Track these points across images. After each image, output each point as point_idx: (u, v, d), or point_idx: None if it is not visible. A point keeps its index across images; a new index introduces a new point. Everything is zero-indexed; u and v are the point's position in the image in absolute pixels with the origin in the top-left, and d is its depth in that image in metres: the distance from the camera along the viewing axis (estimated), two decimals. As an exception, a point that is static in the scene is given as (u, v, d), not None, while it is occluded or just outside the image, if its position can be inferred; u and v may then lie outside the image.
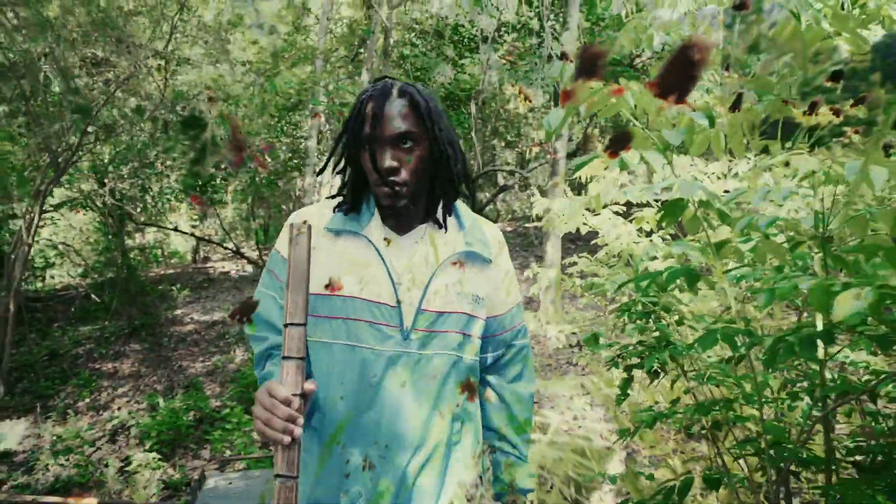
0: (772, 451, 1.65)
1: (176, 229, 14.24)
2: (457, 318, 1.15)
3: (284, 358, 0.94)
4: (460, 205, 1.25)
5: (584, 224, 3.32)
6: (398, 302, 1.11)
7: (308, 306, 0.97)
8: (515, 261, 10.15)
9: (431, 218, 1.19)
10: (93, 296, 10.35)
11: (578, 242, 11.16)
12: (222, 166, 10.36)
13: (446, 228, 1.19)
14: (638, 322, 2.11)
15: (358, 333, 1.10)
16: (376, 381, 1.09)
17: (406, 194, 1.11)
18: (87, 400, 8.48)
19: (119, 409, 8.27)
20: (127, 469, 6.73)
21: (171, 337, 10.31)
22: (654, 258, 2.58)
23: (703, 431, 2.15)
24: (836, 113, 1.74)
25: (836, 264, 1.33)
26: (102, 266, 12.07)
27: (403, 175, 1.09)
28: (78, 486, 6.57)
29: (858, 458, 1.67)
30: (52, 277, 14.16)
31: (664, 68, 1.04)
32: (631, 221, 2.86)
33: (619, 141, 1.33)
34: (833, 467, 1.57)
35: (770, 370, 1.75)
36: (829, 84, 1.93)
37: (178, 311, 11.41)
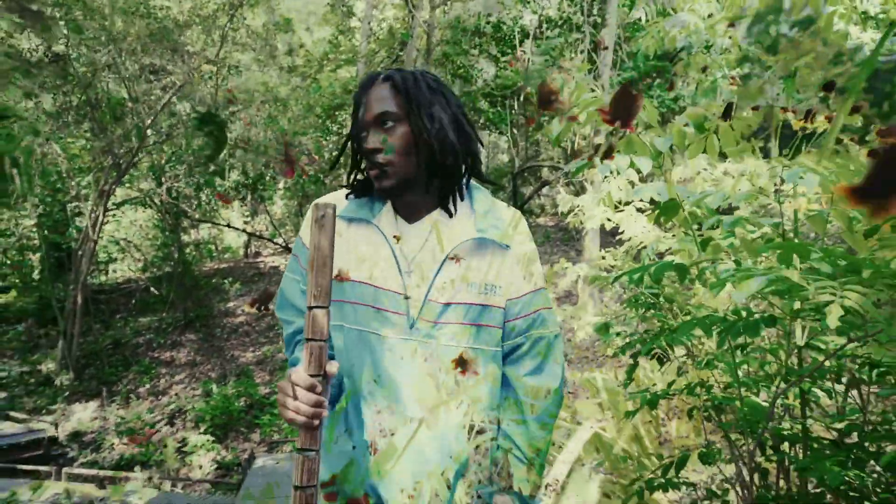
0: (749, 429, 1.83)
1: (228, 225, 14.88)
2: (465, 309, 1.12)
3: (307, 340, 0.95)
4: (477, 190, 1.23)
5: (608, 220, 3.49)
6: (405, 290, 1.11)
7: (331, 289, 0.96)
8: (556, 255, 10.29)
9: (442, 205, 1.17)
10: (152, 289, 10.97)
11: (617, 236, 11.20)
12: (271, 167, 10.85)
13: (453, 214, 1.17)
14: (640, 312, 2.30)
15: (365, 319, 1.11)
16: (381, 367, 1.10)
17: (391, 174, 1.10)
18: (148, 386, 9.08)
19: (176, 394, 8.84)
20: (184, 450, 7.23)
21: (224, 328, 10.88)
22: (663, 252, 2.76)
23: (695, 412, 2.33)
24: (830, 120, 1.89)
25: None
26: (160, 261, 12.76)
27: (387, 155, 1.10)
28: (140, 465, 7.10)
29: (831, 436, 1.83)
30: (115, 271, 15.03)
31: (612, 100, 1.31)
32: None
33: (607, 151, 1.61)
34: (810, 444, 1.74)
35: (744, 353, 1.93)
36: (822, 94, 2.08)
37: (230, 304, 11.99)
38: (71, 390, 8.86)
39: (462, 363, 1.14)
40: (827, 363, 1.87)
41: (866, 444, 1.55)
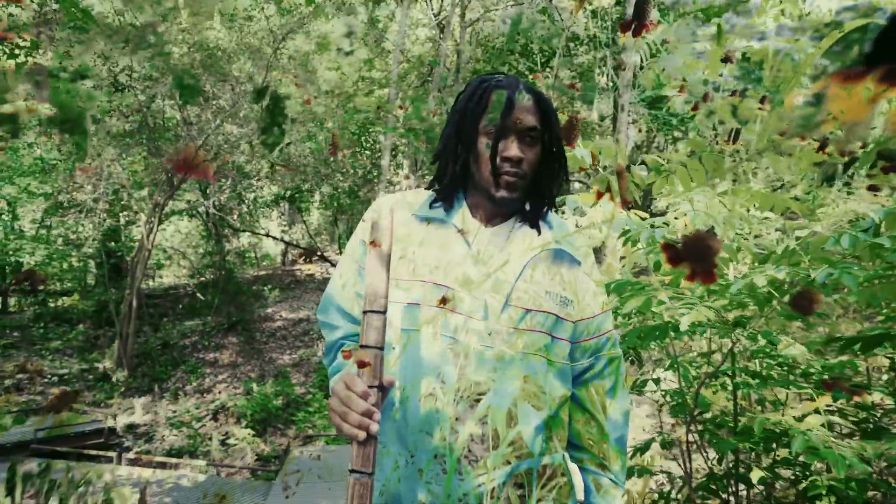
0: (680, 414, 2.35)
1: (268, 234, 15.73)
2: (544, 318, 1.08)
3: (363, 347, 0.89)
4: (553, 215, 1.22)
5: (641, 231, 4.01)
6: (484, 294, 1.07)
7: (388, 294, 0.92)
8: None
9: (523, 216, 1.15)
10: (198, 294, 11.80)
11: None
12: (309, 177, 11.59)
13: (539, 230, 1.14)
14: (621, 320, 2.83)
15: (441, 322, 1.06)
16: (453, 372, 1.04)
17: (520, 187, 1.08)
18: (194, 384, 9.87)
19: (220, 392, 9.60)
20: (227, 442, 7.94)
21: (263, 332, 11.64)
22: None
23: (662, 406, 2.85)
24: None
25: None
26: (205, 268, 13.64)
27: (524, 167, 1.07)
28: (188, 454, 7.83)
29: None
30: (161, 277, 16.02)
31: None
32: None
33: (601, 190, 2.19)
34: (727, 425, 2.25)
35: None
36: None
37: (269, 310, 12.77)
38: (126, 386, 9.69)
39: (538, 372, 1.08)
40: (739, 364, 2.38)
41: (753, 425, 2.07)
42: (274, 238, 16.37)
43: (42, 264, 10.72)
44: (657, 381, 2.60)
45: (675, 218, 2.62)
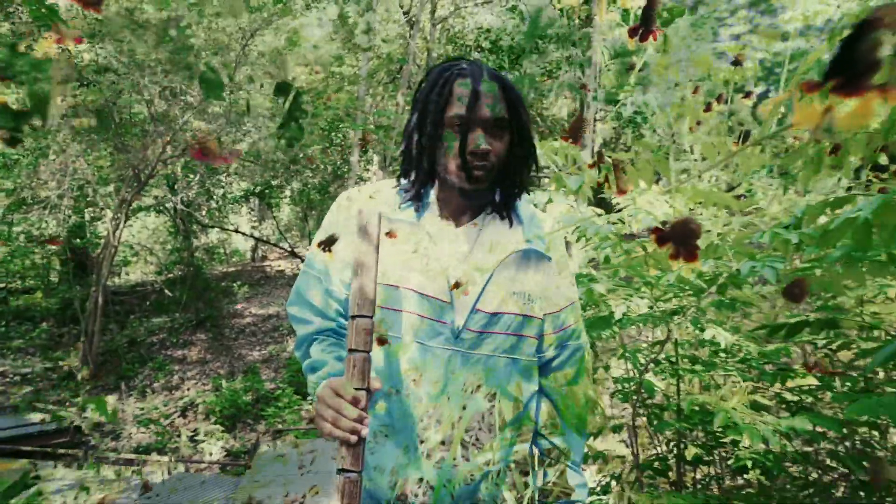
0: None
1: (237, 230, 15.64)
2: (510, 320, 1.08)
3: (351, 351, 0.89)
4: (525, 198, 1.18)
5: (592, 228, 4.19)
6: (451, 298, 1.06)
7: (376, 297, 0.91)
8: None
9: (495, 210, 1.13)
10: (166, 291, 11.71)
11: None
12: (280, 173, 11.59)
13: (511, 222, 1.13)
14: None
15: (407, 327, 1.06)
16: (420, 376, 1.04)
17: (486, 180, 1.06)
18: (162, 381, 9.82)
19: (189, 389, 9.57)
20: (196, 438, 7.95)
21: (233, 328, 11.61)
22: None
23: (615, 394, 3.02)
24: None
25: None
26: (173, 265, 13.52)
27: (492, 158, 1.04)
28: (157, 451, 7.81)
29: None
30: (128, 274, 15.81)
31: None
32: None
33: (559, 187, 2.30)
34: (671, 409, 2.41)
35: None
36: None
37: (239, 306, 12.72)
38: (91, 385, 9.60)
39: (503, 373, 1.10)
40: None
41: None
42: (243, 234, 16.27)
43: (4, 262, 10.52)
44: (607, 368, 2.76)
45: (621, 219, 2.78)
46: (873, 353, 1.24)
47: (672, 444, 2.43)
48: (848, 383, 1.80)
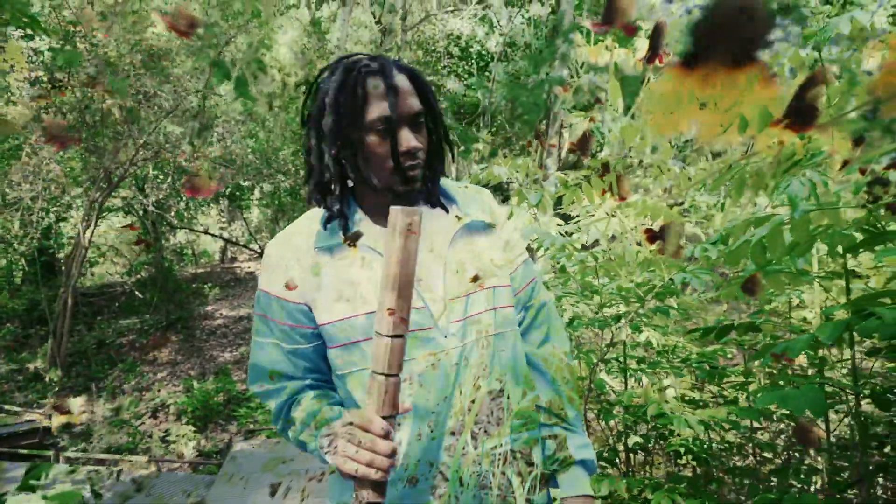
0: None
1: (206, 232, 15.62)
2: (485, 295, 1.05)
3: (379, 374, 0.79)
4: (444, 180, 1.14)
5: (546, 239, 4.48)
6: (424, 301, 1.01)
7: (409, 315, 0.81)
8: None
9: (426, 202, 1.09)
10: (136, 292, 11.69)
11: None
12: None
13: (446, 209, 1.09)
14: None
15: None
16: (423, 386, 0.99)
17: (420, 179, 1.01)
18: (133, 382, 9.84)
19: (159, 390, 9.61)
20: (168, 439, 8.03)
21: (203, 330, 11.64)
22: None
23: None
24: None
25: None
26: (140, 265, 13.47)
27: (421, 155, 1.00)
28: (128, 452, 7.87)
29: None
30: (93, 275, 15.65)
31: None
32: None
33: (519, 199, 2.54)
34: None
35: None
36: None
37: (209, 307, 12.75)
38: (60, 386, 9.57)
39: (507, 356, 1.07)
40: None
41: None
42: (213, 235, 16.25)
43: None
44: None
45: (578, 229, 3.06)
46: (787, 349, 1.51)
47: (619, 434, 2.72)
48: (781, 381, 2.09)
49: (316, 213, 1.07)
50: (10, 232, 10.41)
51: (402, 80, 0.99)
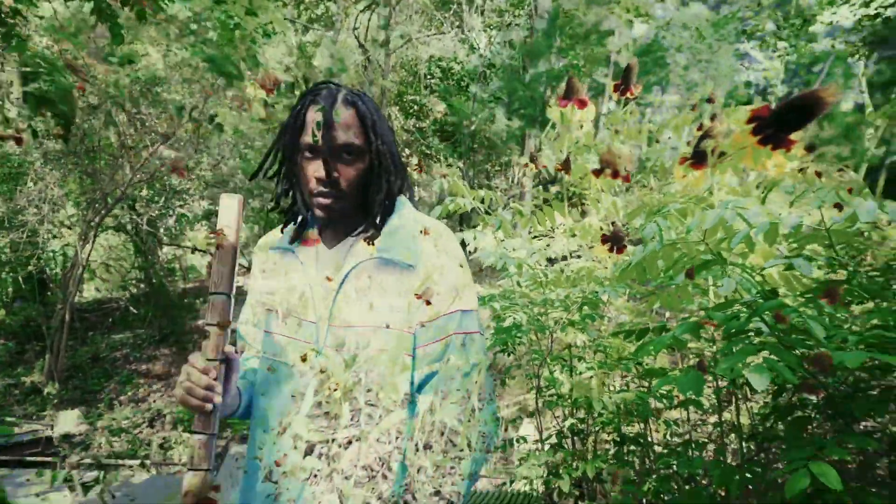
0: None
1: (195, 249, 16.03)
2: (371, 332, 1.04)
3: (207, 325, 0.97)
4: (401, 207, 1.15)
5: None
6: (317, 318, 1.08)
7: (233, 276, 0.98)
8: (487, 281, 11.84)
9: (368, 226, 1.12)
10: (131, 308, 12.10)
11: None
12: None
13: (371, 241, 1.10)
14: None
15: (283, 350, 1.10)
16: (289, 397, 1.08)
17: (338, 208, 1.06)
18: (129, 394, 10.26)
19: (155, 401, 10.03)
20: (165, 446, 8.48)
21: (195, 343, 12.06)
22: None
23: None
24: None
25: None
26: (134, 282, 13.88)
27: (342, 187, 1.04)
28: (129, 458, 8.29)
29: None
30: (82, 292, 15.97)
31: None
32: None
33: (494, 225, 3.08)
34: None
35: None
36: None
37: (200, 321, 13.17)
38: (58, 399, 9.96)
39: (368, 392, 1.03)
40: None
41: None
42: (202, 251, 16.65)
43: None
44: (519, 367, 3.58)
45: (540, 249, 3.58)
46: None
47: (563, 420, 3.25)
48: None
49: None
50: (16, 252, 10.80)
51: (342, 112, 1.04)
